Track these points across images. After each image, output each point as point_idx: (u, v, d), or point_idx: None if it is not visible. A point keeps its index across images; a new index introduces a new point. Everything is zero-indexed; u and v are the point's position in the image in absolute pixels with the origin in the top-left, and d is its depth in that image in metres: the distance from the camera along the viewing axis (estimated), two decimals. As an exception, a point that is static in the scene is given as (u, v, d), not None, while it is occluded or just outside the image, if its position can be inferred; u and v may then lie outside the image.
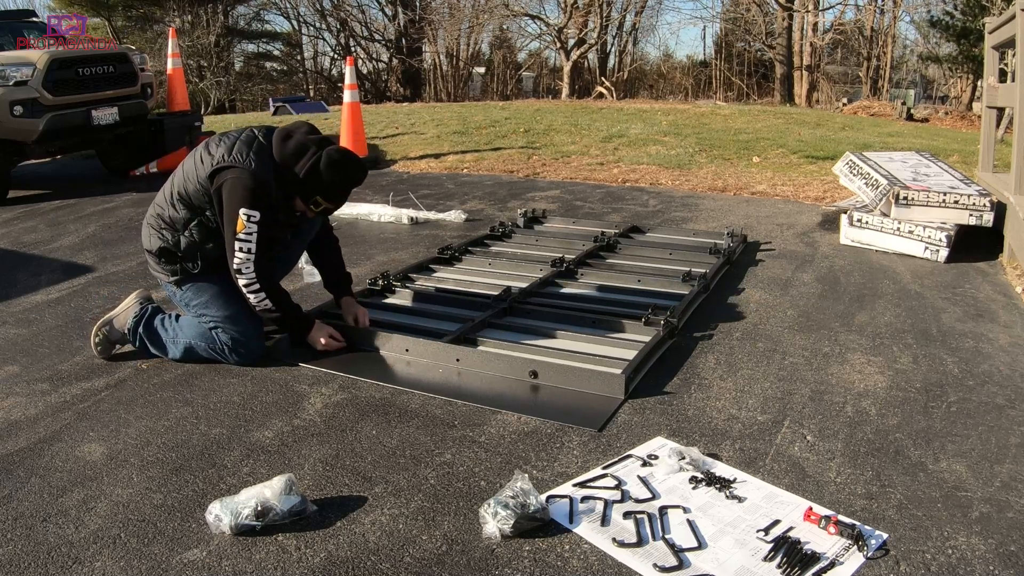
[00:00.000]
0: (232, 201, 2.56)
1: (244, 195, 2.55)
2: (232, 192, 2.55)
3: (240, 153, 2.58)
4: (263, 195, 2.56)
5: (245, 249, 2.58)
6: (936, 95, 23.50)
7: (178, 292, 2.76)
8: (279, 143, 2.63)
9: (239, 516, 1.77)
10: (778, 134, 8.32)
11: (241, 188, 2.54)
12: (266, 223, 2.59)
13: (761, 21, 23.32)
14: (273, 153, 2.62)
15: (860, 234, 4.21)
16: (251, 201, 2.55)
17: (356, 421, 2.31)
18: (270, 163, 2.60)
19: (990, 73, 5.10)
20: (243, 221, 2.55)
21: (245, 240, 2.57)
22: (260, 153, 2.60)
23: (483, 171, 6.80)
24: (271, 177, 2.59)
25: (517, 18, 25.53)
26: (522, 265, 3.71)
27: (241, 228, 2.56)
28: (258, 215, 2.56)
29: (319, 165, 2.59)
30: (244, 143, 2.61)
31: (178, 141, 6.77)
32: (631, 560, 1.68)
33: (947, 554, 1.69)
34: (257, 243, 2.58)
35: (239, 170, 2.55)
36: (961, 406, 2.38)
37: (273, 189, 2.60)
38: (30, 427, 2.32)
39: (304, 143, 2.62)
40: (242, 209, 2.55)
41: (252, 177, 2.55)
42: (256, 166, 2.56)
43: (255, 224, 2.56)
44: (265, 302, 2.66)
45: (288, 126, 2.71)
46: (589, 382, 2.47)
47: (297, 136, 2.65)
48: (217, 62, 21.70)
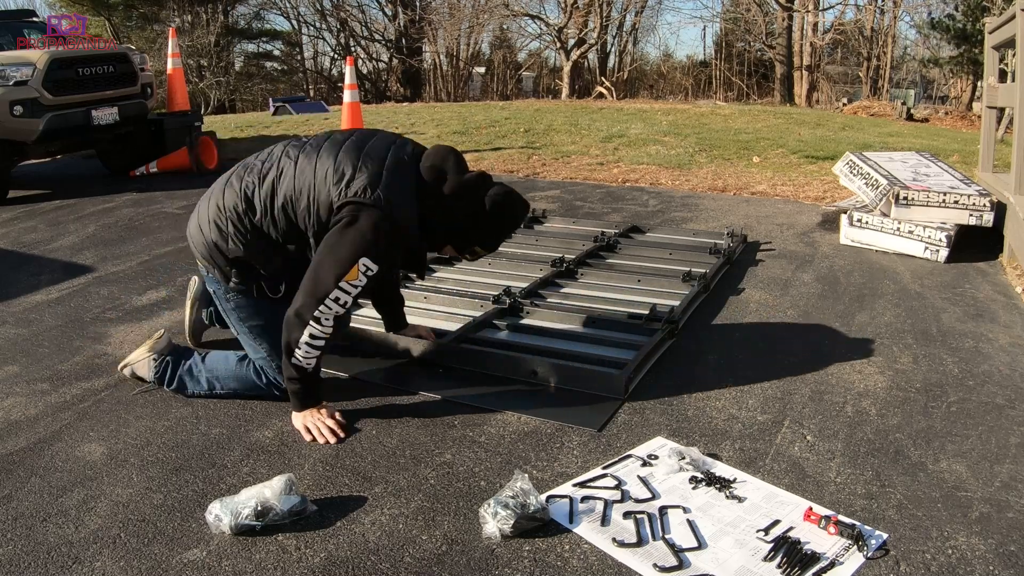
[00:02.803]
0: (356, 241, 2.08)
1: (374, 243, 2.08)
2: (362, 233, 2.08)
3: (386, 189, 2.11)
4: (394, 250, 2.15)
5: (341, 302, 2.10)
6: (936, 95, 23.50)
7: (230, 296, 2.34)
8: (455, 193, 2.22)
9: (239, 516, 1.77)
10: (778, 134, 8.32)
11: (374, 234, 2.08)
12: (380, 278, 2.15)
13: (761, 21, 23.32)
14: (439, 196, 2.21)
15: (860, 234, 4.21)
16: (376, 253, 2.09)
17: (356, 421, 2.31)
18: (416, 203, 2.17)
19: (990, 73, 5.10)
20: (358, 271, 2.08)
21: (347, 291, 2.09)
22: (407, 199, 2.14)
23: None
24: (415, 223, 2.17)
25: (517, 18, 25.54)
26: (522, 265, 3.71)
27: (352, 278, 2.08)
28: (376, 269, 2.10)
29: (485, 212, 2.22)
30: (392, 173, 2.14)
31: (178, 141, 6.76)
32: (631, 560, 1.68)
33: (947, 554, 1.69)
34: (355, 297, 2.13)
35: (380, 213, 2.09)
36: (961, 406, 2.38)
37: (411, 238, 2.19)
38: (30, 427, 2.32)
39: (463, 184, 2.22)
40: (363, 258, 2.08)
41: (394, 228, 2.11)
42: (403, 212, 2.12)
43: (367, 278, 2.10)
44: (310, 364, 2.15)
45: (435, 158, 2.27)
46: (589, 382, 2.47)
47: (452, 176, 2.23)
48: (217, 62, 21.71)
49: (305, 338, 2.11)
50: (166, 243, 4.48)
